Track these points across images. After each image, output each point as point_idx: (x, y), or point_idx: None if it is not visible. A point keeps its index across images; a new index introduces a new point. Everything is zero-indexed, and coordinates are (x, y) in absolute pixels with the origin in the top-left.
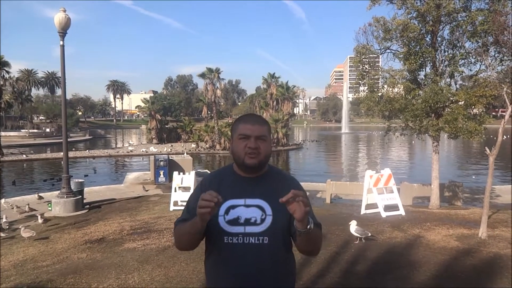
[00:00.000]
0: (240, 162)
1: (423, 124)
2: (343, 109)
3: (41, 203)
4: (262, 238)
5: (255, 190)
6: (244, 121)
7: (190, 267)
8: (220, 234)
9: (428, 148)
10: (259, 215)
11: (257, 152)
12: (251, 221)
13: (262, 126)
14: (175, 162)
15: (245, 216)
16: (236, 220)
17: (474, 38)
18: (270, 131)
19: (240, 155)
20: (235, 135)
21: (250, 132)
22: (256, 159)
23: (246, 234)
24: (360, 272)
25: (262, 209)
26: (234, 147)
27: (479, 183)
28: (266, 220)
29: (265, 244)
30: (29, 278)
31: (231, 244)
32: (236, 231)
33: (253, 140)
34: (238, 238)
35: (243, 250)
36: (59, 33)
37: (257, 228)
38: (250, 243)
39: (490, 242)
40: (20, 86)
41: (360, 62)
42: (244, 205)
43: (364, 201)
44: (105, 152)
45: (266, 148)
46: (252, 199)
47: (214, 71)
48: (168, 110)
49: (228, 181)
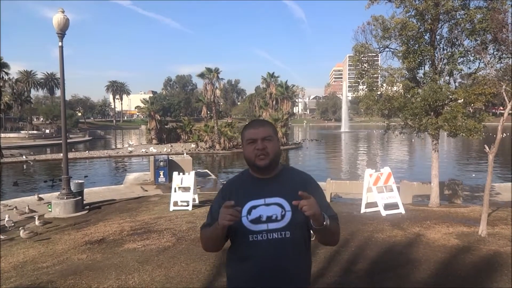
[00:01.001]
0: (252, 165)
1: (422, 122)
2: (343, 108)
3: (41, 204)
4: (284, 232)
5: (272, 189)
6: (249, 127)
7: (190, 268)
8: (245, 233)
9: (428, 147)
10: (279, 212)
11: (265, 152)
12: (272, 218)
13: (266, 128)
14: (175, 162)
15: (266, 214)
16: (258, 219)
17: (472, 36)
18: (276, 131)
19: (251, 158)
20: (244, 141)
21: (255, 135)
22: (266, 159)
23: (269, 231)
24: (360, 271)
25: (281, 206)
26: (245, 152)
27: (479, 181)
28: (286, 215)
29: (287, 237)
30: (29, 280)
31: (255, 241)
32: (259, 229)
33: (260, 142)
34: (262, 235)
35: (267, 245)
36: (57, 34)
37: (279, 224)
38: (274, 238)
39: (490, 240)
40: (20, 87)
41: (359, 61)
42: (264, 204)
43: (364, 199)
44: (105, 153)
45: (273, 147)
46: (271, 198)
47: (213, 71)
48: (167, 110)
49: (247, 184)
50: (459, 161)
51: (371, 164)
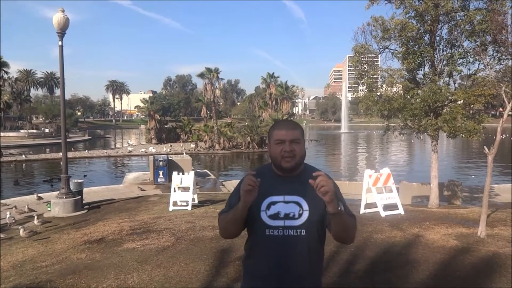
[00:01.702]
0: (278, 165)
1: (422, 123)
2: (342, 108)
3: (40, 204)
4: (300, 230)
5: (293, 188)
6: (279, 128)
7: (189, 267)
8: (262, 227)
9: (427, 148)
10: (297, 210)
11: (292, 154)
12: (290, 216)
13: (295, 130)
14: (174, 162)
15: (284, 211)
16: (276, 215)
17: (472, 37)
18: (304, 134)
19: (277, 158)
20: (272, 140)
21: (284, 137)
22: (292, 162)
23: (286, 227)
24: (360, 271)
25: (300, 205)
26: (272, 152)
27: (478, 182)
28: (303, 214)
29: (303, 236)
30: (28, 279)
31: (272, 236)
32: (276, 225)
33: (288, 144)
34: (279, 230)
35: (283, 241)
36: (57, 34)
37: (295, 222)
38: (289, 235)
39: (489, 241)
40: (19, 86)
41: (358, 61)
42: (284, 201)
43: (363, 200)
44: (105, 153)
45: (300, 150)
46: (291, 196)
47: (213, 71)
48: (167, 110)
49: (268, 179)
50: (458, 162)
51: (371, 165)
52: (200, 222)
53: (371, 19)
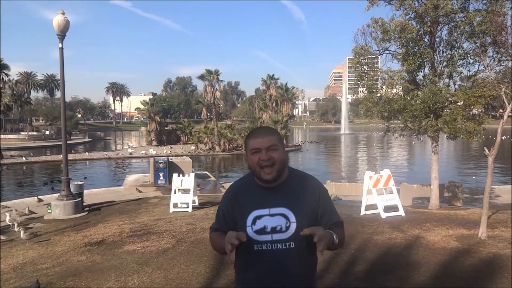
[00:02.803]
0: (258, 177)
1: (422, 124)
2: (342, 110)
3: (40, 206)
4: (288, 243)
5: (278, 199)
6: (254, 136)
7: (190, 269)
8: (250, 243)
9: (428, 149)
10: (283, 223)
11: (271, 162)
12: (277, 229)
13: (270, 137)
14: (175, 164)
15: (271, 225)
16: (263, 230)
17: (472, 38)
18: (281, 139)
19: (256, 169)
20: (248, 150)
21: (260, 145)
22: (272, 171)
23: (274, 242)
24: (360, 273)
25: (286, 217)
26: (250, 162)
27: (478, 183)
28: (291, 227)
29: (291, 248)
30: (29, 281)
31: (260, 251)
32: (264, 239)
33: (264, 152)
34: (267, 245)
35: (271, 255)
36: (58, 36)
37: (283, 235)
38: (278, 249)
39: (490, 243)
40: (20, 88)
41: (358, 63)
42: (269, 214)
43: (363, 202)
44: (105, 155)
45: (279, 157)
46: (276, 208)
47: (213, 73)
48: (167, 112)
49: (252, 192)
50: (459, 163)
51: (371, 166)
52: (201, 224)
53: (371, 20)
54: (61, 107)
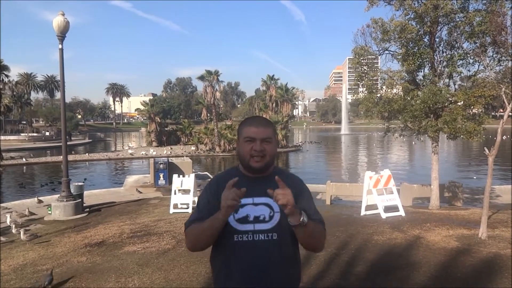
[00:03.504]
0: (246, 164)
1: (422, 124)
2: (343, 110)
3: (40, 207)
4: (271, 234)
5: (262, 188)
6: (250, 124)
7: (190, 270)
8: (230, 233)
9: (428, 149)
10: (267, 212)
11: (262, 154)
12: (260, 219)
13: (267, 128)
14: (175, 165)
15: (254, 214)
16: (245, 218)
17: (472, 38)
18: (275, 132)
19: (246, 157)
20: (241, 137)
21: (255, 134)
22: (262, 162)
23: (256, 232)
24: (360, 273)
25: (270, 206)
26: (240, 150)
27: (479, 183)
28: (274, 217)
29: (274, 240)
30: (29, 282)
31: (240, 242)
32: (245, 229)
33: (259, 143)
34: (248, 235)
35: (253, 247)
36: (58, 37)
37: (266, 225)
38: (260, 240)
39: (490, 243)
40: (20, 89)
41: (358, 63)
42: (253, 203)
43: (364, 202)
44: (105, 155)
45: (271, 150)
46: (260, 198)
47: (213, 73)
48: (167, 112)
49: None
50: (459, 163)
51: (371, 167)
52: None
53: (370, 21)
54: (61, 108)
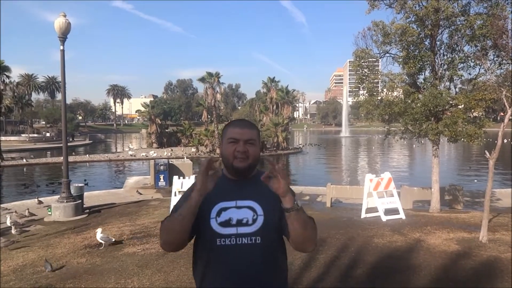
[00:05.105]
0: (229, 165)
1: (422, 127)
2: (343, 113)
3: (40, 208)
4: (254, 238)
5: (245, 192)
6: (234, 126)
7: (190, 272)
8: (213, 237)
9: (428, 152)
10: (250, 215)
11: (245, 155)
12: (243, 222)
13: (250, 130)
14: (175, 167)
15: (236, 217)
16: (228, 222)
17: (473, 42)
18: (259, 136)
19: (229, 158)
20: (225, 139)
21: (239, 136)
22: (245, 162)
23: (239, 235)
24: (360, 276)
25: (253, 209)
26: (224, 151)
27: (479, 187)
28: (258, 220)
29: (258, 243)
30: (29, 283)
31: (223, 246)
32: (228, 233)
33: (242, 144)
34: (231, 239)
35: (236, 251)
36: (59, 38)
37: (249, 229)
38: (243, 244)
39: (491, 246)
40: (21, 90)
41: (359, 66)
42: (236, 206)
43: (364, 205)
44: (105, 157)
45: (254, 152)
46: (243, 201)
47: (214, 75)
48: (168, 114)
49: (219, 184)
50: (459, 166)
51: (372, 169)
52: None
53: (371, 23)
54: (62, 109)
